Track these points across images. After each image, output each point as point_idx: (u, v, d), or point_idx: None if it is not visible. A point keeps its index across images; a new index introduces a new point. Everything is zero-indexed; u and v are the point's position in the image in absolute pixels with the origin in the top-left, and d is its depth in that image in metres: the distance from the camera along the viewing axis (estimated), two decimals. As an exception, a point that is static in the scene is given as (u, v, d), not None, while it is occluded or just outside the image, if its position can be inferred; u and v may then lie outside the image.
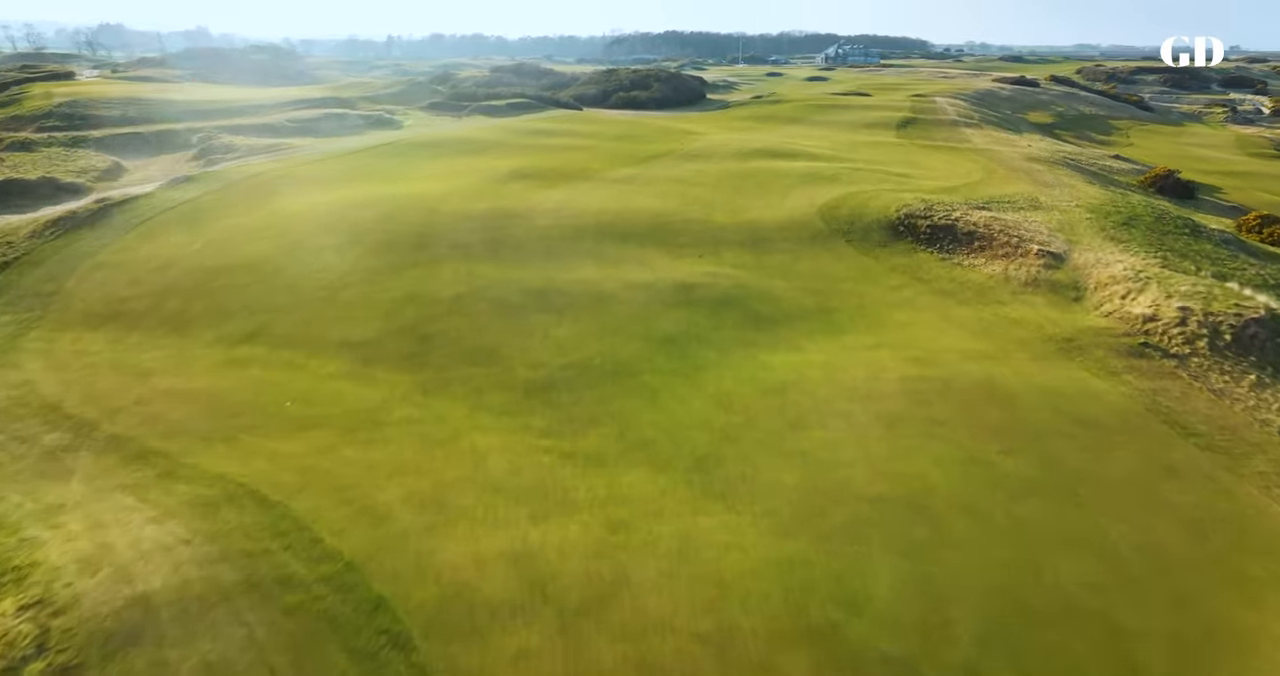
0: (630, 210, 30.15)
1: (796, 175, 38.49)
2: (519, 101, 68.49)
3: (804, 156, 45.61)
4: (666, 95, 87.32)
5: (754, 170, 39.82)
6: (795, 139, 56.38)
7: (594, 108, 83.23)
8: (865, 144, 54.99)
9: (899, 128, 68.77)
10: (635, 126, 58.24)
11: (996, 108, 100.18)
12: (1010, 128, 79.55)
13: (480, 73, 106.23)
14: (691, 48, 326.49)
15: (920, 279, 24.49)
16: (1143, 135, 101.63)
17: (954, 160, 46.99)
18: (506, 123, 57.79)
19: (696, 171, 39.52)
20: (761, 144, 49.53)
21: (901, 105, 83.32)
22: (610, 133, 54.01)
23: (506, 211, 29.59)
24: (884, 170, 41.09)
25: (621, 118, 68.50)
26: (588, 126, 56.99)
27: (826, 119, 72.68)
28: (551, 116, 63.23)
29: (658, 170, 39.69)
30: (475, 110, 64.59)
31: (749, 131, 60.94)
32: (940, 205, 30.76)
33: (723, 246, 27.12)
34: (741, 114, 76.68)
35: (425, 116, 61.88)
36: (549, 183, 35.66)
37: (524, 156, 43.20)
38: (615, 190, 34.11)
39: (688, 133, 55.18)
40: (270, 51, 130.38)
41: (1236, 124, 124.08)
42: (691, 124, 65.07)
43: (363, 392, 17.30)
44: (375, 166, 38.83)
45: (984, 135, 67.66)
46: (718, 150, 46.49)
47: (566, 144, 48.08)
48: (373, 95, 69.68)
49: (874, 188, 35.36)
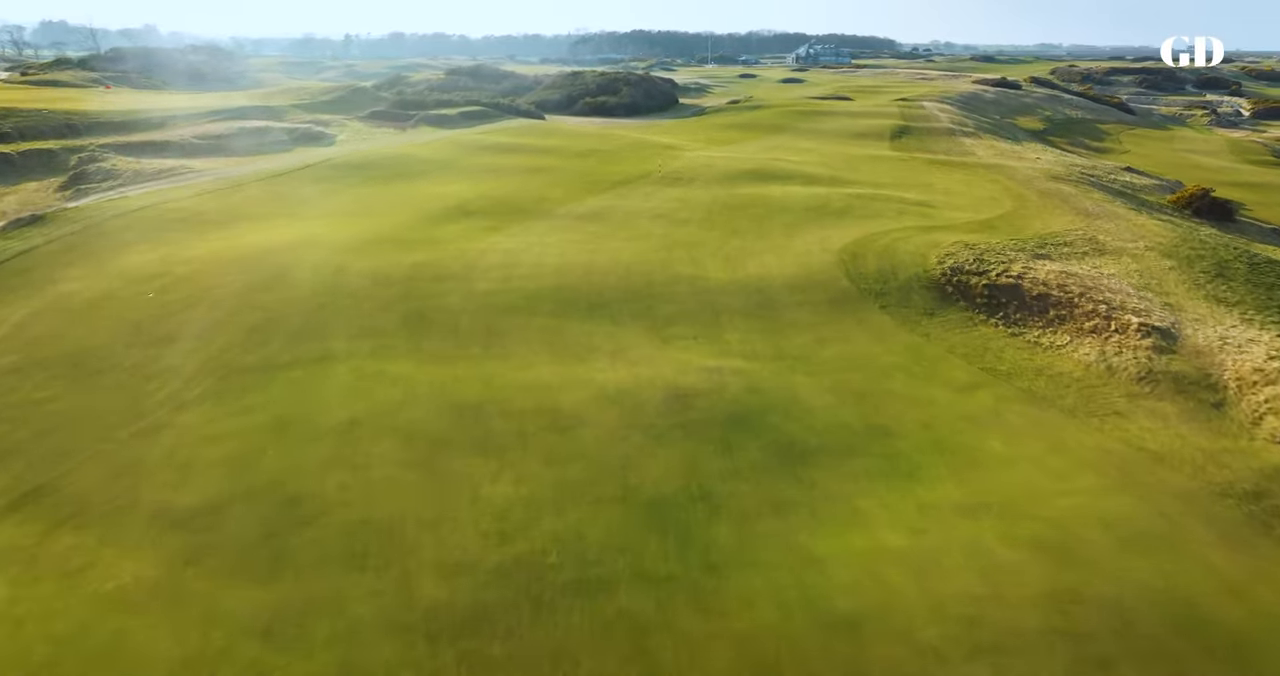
0: (600, 264, 23.36)
1: (799, 206, 32.03)
2: (473, 110, 61.26)
3: (800, 178, 39.22)
4: (637, 101, 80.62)
5: (747, 199, 33.28)
6: (785, 153, 50.04)
7: (558, 115, 76.27)
8: (863, 159, 48.84)
9: (893, 138, 62.87)
10: (604, 140, 51.43)
11: (985, 112, 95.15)
12: (1007, 136, 74.18)
13: (435, 75, 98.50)
14: (659, 47, 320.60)
15: (996, 371, 18.06)
16: (1134, 141, 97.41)
17: (971, 181, 40.94)
18: (457, 136, 50.63)
19: (679, 201, 32.87)
20: (751, 162, 43.06)
21: (889, 111, 77.58)
22: (575, 148, 47.16)
23: (439, 270, 22.61)
24: (898, 197, 34.81)
25: (588, 128, 61.65)
26: (549, 140, 50.06)
27: (813, 127, 66.54)
28: (509, 127, 56.15)
29: (633, 201, 32.95)
30: (423, 120, 57.27)
31: (732, 145, 54.47)
32: (990, 252, 24.47)
33: (723, 318, 20.46)
34: (720, 122, 70.24)
35: (365, 128, 54.45)
36: (498, 222, 28.75)
37: (471, 182, 36.18)
38: (581, 232, 27.31)
39: (664, 148, 48.52)
40: (209, 52, 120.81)
41: (1221, 127, 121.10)
42: (666, 135, 58.43)
43: (175, 635, 10.34)
44: (283, 199, 31.52)
45: (985, 146, 62.06)
46: (701, 171, 39.90)
47: (523, 164, 41.13)
48: (308, 103, 61.98)
49: (896, 225, 29.03)
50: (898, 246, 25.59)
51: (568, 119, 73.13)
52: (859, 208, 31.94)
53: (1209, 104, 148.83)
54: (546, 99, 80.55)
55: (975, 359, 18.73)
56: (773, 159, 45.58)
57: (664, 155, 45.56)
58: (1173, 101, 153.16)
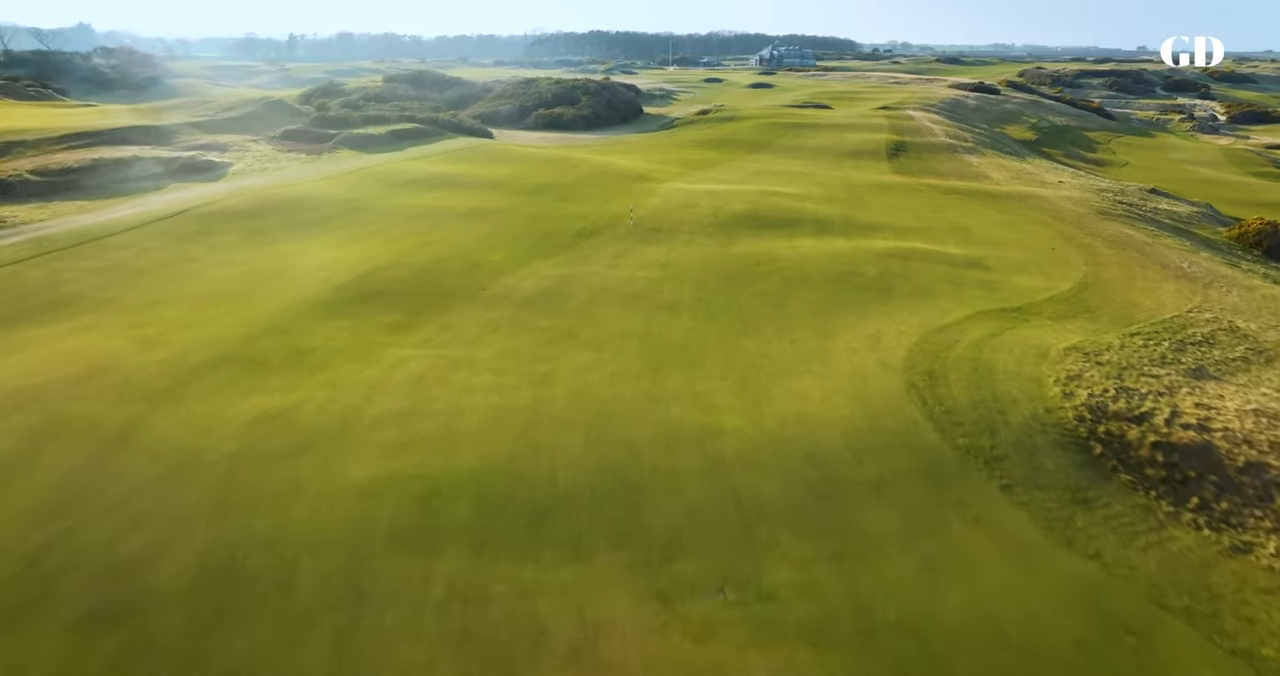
0: (552, 413, 14.86)
1: (821, 274, 23.94)
2: (407, 128, 52.10)
3: (810, 224, 31.18)
4: (597, 112, 72.14)
5: (751, 262, 25.10)
6: (776, 181, 42.09)
7: (509, 129, 67.43)
8: (869, 188, 41.14)
9: (891, 157, 55.43)
10: (562, 167, 42.87)
11: (971, 121, 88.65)
12: (1007, 150, 67.39)
13: (373, 82, 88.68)
14: (618, 48, 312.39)
15: (1259, 658, 10.07)
16: (1126, 150, 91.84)
17: (1013, 222, 33.35)
18: (381, 165, 41.63)
19: (660, 268, 24.52)
20: (741, 198, 34.93)
21: (877, 123, 70.29)
22: (527, 181, 38.54)
23: (290, 436, 13.87)
24: (941, 253, 26.97)
25: (543, 148, 53.00)
26: (495, 169, 41.34)
27: (799, 144, 58.81)
28: (447, 151, 47.23)
29: (598, 266, 24.52)
30: (344, 142, 48.05)
31: (712, 169, 46.37)
32: (1129, 369, 16.62)
33: (759, 533, 12.13)
34: (693, 137, 62.14)
35: (270, 153, 45.07)
36: (408, 314, 20.07)
37: (385, 239, 27.37)
38: (524, 337, 18.77)
39: (635, 179, 40.12)
40: (122, 55, 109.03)
41: (1204, 133, 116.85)
42: (634, 156, 50.06)
43: None
44: (99, 278, 22.26)
45: (994, 165, 55.00)
46: (683, 215, 31.64)
47: (458, 206, 32.41)
48: (208, 120, 52.30)
49: (961, 307, 21.10)
50: (986, 357, 17.60)
51: (520, 135, 64.36)
52: (900, 276, 23.95)
53: (1182, 108, 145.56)
54: (496, 111, 71.62)
55: (1205, 619, 10.71)
56: (766, 192, 37.54)
57: (635, 189, 37.19)
58: (1145, 105, 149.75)
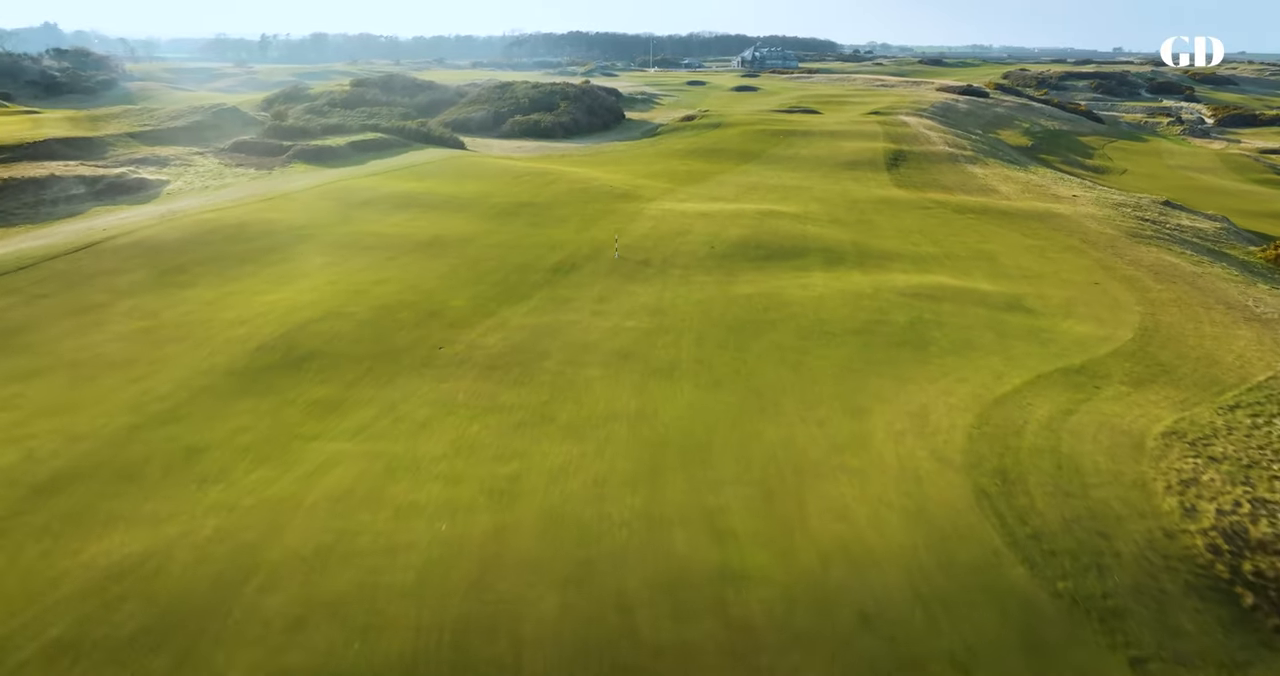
0: (511, 566, 10.93)
1: (841, 323, 20.27)
2: (370, 139, 47.87)
3: (819, 252, 27.52)
4: (577, 119, 68.20)
5: (757, 307, 21.39)
6: (773, 197, 38.47)
7: (483, 137, 63.36)
8: (875, 205, 37.63)
9: (891, 167, 52.03)
10: (538, 183, 38.93)
11: (965, 126, 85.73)
12: (1007, 159, 64.29)
13: (340, 87, 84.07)
14: (598, 49, 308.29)
15: None
16: (1121, 155, 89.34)
17: (1042, 248, 29.89)
18: (338, 181, 37.48)
19: (652, 315, 20.72)
20: (739, 221, 31.22)
21: (871, 130, 66.94)
22: (499, 200, 34.58)
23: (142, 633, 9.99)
24: (974, 291, 23.40)
25: (519, 160, 49.01)
26: (465, 186, 37.31)
27: (792, 154, 55.27)
28: (413, 165, 43.12)
29: (579, 314, 20.68)
30: (300, 155, 43.80)
31: (702, 183, 42.65)
32: (1267, 480, 13.13)
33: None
34: (679, 146, 58.39)
35: (217, 168, 40.75)
36: (342, 387, 16.11)
37: (328, 276, 23.34)
38: (485, 424, 14.84)
39: (619, 196, 36.26)
40: (75, 57, 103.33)
41: (1194, 136, 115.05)
42: (618, 169, 46.22)
43: None
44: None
45: (999, 176, 51.79)
46: (675, 244, 27.89)
47: (418, 233, 28.42)
48: (150, 130, 47.72)
49: (1016, 370, 17.51)
50: (1068, 447, 14.00)
51: (494, 144, 60.30)
52: (933, 323, 20.32)
53: (1169, 110, 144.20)
54: (469, 117, 67.47)
55: None
56: (764, 212, 33.87)
57: (619, 210, 33.37)
58: (1132, 107, 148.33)
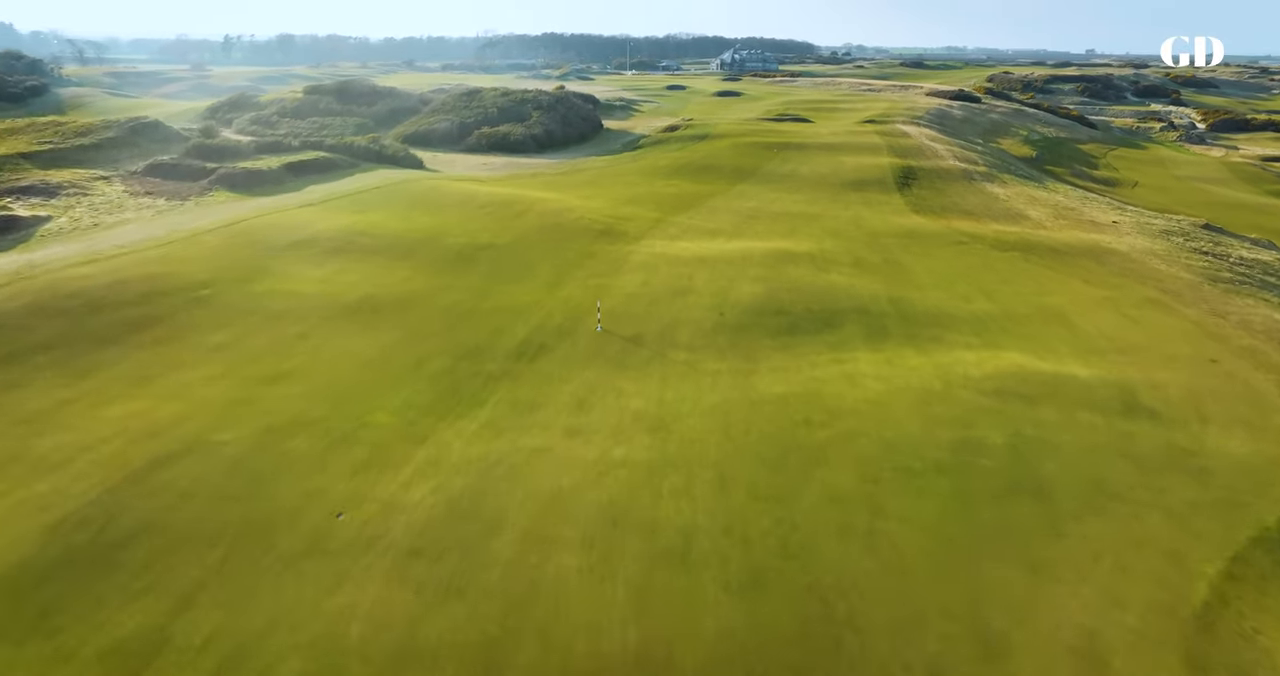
0: None
1: (917, 451, 14.36)
2: (309, 158, 41.27)
3: (851, 314, 21.67)
4: (551, 130, 61.94)
5: (794, 417, 15.46)
6: (781, 229, 32.64)
7: (446, 151, 56.95)
8: (897, 239, 31.95)
9: (902, 188, 46.51)
10: (502, 217, 32.71)
11: (964, 135, 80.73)
12: (1020, 174, 59.12)
13: (292, 94, 77.07)
14: (573, 51, 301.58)
15: None
16: (1127, 165, 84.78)
17: (1119, 303, 24.30)
18: (258, 217, 31.02)
19: (650, 437, 14.67)
20: (749, 269, 25.31)
21: (871, 142, 61.46)
22: (452, 241, 28.35)
23: None
24: (1074, 384, 17.71)
25: (482, 182, 42.75)
26: (412, 221, 31.02)
27: (790, 171, 49.55)
28: (356, 191, 36.70)
29: (543, 435, 14.53)
30: (224, 179, 37.22)
31: (695, 209, 36.73)
32: None
33: None
34: (664, 162, 52.40)
35: (119, 197, 34.08)
36: (146, 632, 9.99)
37: (193, 379, 17.00)
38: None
39: (598, 236, 30.13)
40: (4, 61, 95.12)
41: (1192, 143, 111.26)
42: (597, 194, 40.09)
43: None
44: None
45: (1022, 196, 46.48)
46: (676, 312, 21.91)
47: (341, 295, 22.16)
48: (51, 148, 40.85)
49: (1206, 556, 11.82)
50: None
51: (458, 159, 53.89)
52: (1044, 450, 14.52)
53: (1159, 114, 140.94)
54: (432, 129, 60.96)
55: None
56: (775, 253, 28.01)
57: (600, 255, 27.28)
58: (1121, 112, 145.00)
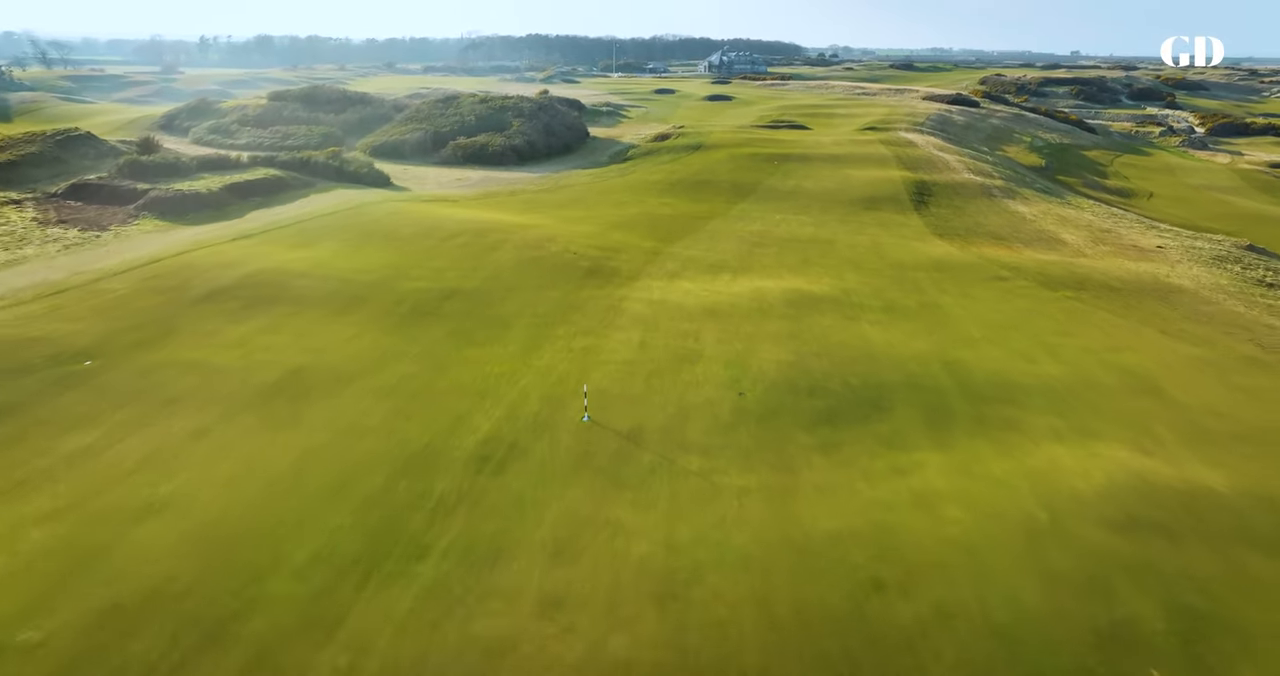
0: None
1: (1060, 665, 10.01)
2: (258, 178, 36.40)
3: (902, 392, 17.20)
4: (533, 140, 57.25)
5: (870, 589, 10.79)
6: (793, 261, 28.18)
7: (418, 164, 52.17)
8: (928, 273, 27.61)
9: (919, 206, 42.27)
10: (474, 250, 28.03)
11: (968, 142, 76.71)
12: (1039, 188, 55.01)
13: (256, 101, 71.98)
14: (558, 53, 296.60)
15: None
16: (1136, 173, 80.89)
17: (1220, 366, 20.01)
18: (179, 257, 26.15)
19: (659, 626, 10.07)
20: (769, 332, 20.77)
21: (877, 153, 57.18)
22: (408, 286, 23.65)
23: None
24: (1213, 506, 13.38)
25: (453, 204, 38.02)
26: (364, 258, 26.29)
27: (794, 187, 45.19)
28: (309, 216, 31.91)
29: (510, 616, 9.94)
30: (155, 204, 32.34)
31: (694, 236, 32.23)
32: None
33: None
34: (656, 177, 47.88)
35: (25, 227, 29.08)
36: None
37: (41, 510, 12.30)
38: None
39: (585, 278, 25.49)
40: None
41: (1194, 148, 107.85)
42: (584, 219, 35.42)
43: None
44: None
45: (1050, 216, 42.34)
46: (682, 396, 17.31)
47: (255, 371, 17.39)
48: (-41, 169, 36.01)
49: None
50: None
51: (430, 175, 49.09)
52: (1238, 651, 10.16)
53: (1156, 118, 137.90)
54: (403, 140, 56.12)
55: None
56: (794, 295, 23.55)
57: (587, 305, 22.68)
58: (1117, 115, 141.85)
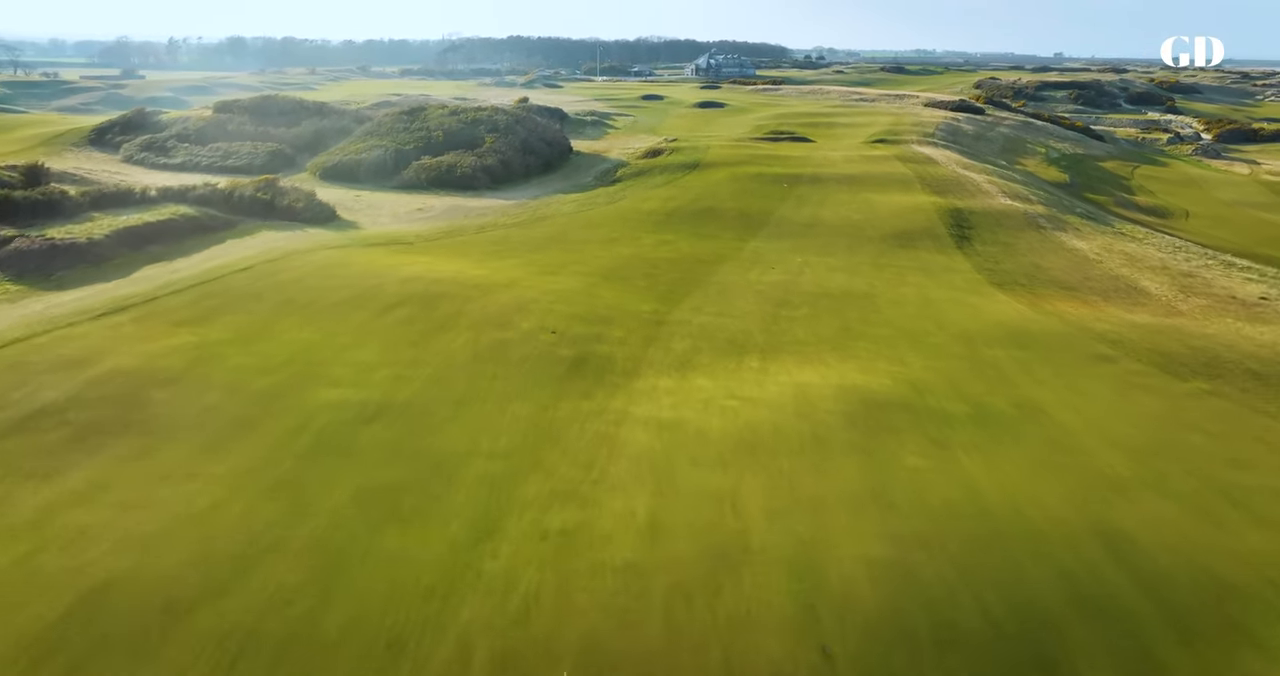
0: None
1: None
2: (161, 219, 29.40)
3: (1079, 626, 10.99)
4: (507, 159, 50.51)
5: None
6: (835, 331, 21.68)
7: (374, 189, 45.36)
8: (1000, 346, 21.16)
9: (960, 242, 36.00)
10: (416, 328, 21.31)
11: (982, 154, 70.71)
12: (1084, 214, 49.00)
13: (201, 113, 64.59)
14: (540, 55, 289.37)
15: None
16: (1164, 189, 74.97)
17: None
18: (14, 347, 19.42)
19: None
20: (834, 482, 14.30)
21: (897, 172, 50.91)
22: (314, 401, 16.89)
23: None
24: None
25: (403, 251, 31.20)
26: (268, 347, 19.51)
27: (810, 216, 38.84)
28: (215, 274, 25.00)
29: None
30: (8, 261, 25.27)
31: (703, 290, 25.61)
32: None
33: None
34: (650, 205, 41.31)
35: None
36: None
37: None
38: None
39: (570, 371, 18.86)
40: None
41: (1208, 157, 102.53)
42: (566, 268, 28.71)
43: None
44: None
45: (1115, 253, 36.12)
46: (725, 622, 10.70)
47: (30, 602, 10.81)
48: None
49: None
50: None
51: (388, 203, 42.20)
52: None
53: (1160, 124, 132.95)
54: (359, 160, 49.21)
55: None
56: (846, 395, 17.05)
57: (568, 433, 15.99)
58: (1119, 121, 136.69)
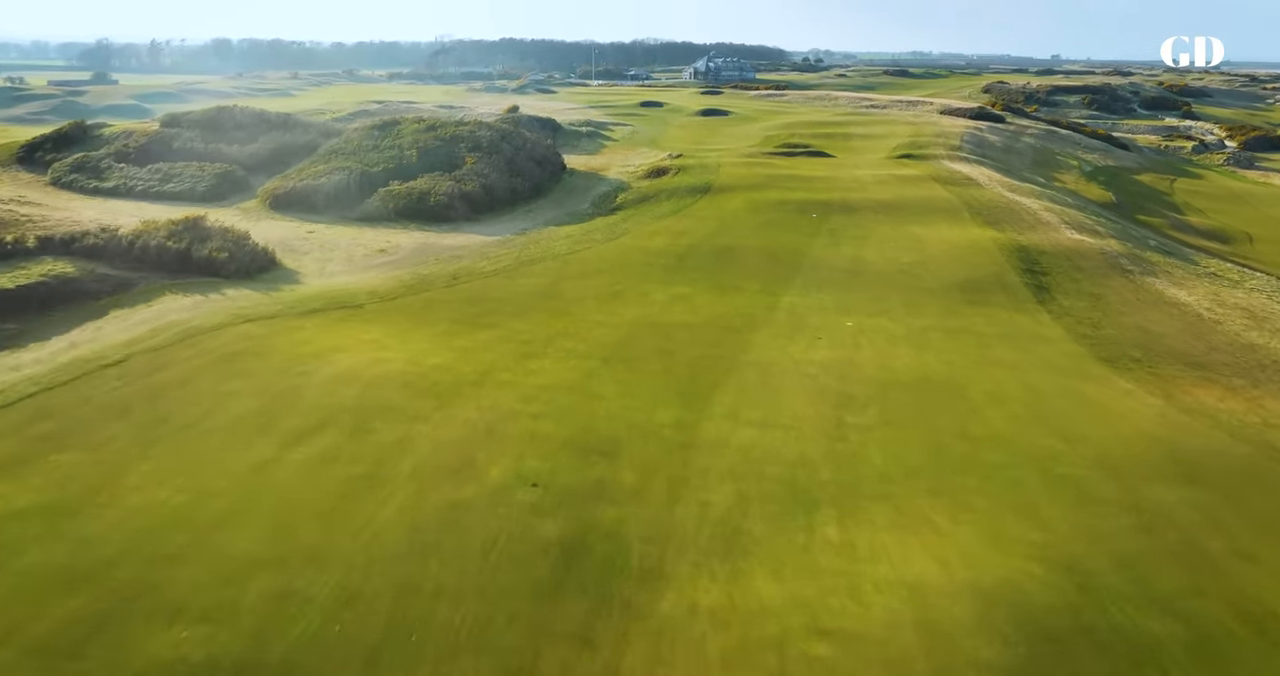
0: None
1: None
2: (30, 282, 22.62)
3: None
4: (490, 183, 43.77)
5: None
6: (922, 466, 15.26)
7: (331, 221, 38.65)
8: (1161, 483, 14.54)
9: (1040, 295, 29.37)
10: (333, 477, 14.73)
11: (1020, 172, 64.24)
12: (1159, 248, 42.68)
13: (148, 127, 57.36)
14: (533, 58, 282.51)
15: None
16: (1211, 207, 68.13)
17: None
18: None
19: None
20: None
21: (940, 198, 44.39)
22: (149, 644, 10.53)
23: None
24: None
25: (339, 320, 24.36)
26: (73, 532, 13.02)
27: (852, 259, 32.27)
28: (61, 376, 18.23)
29: None
30: None
31: (731, 386, 18.93)
32: None
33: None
34: (658, 242, 34.67)
35: None
36: None
37: None
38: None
39: (555, 578, 12.18)
40: None
41: (1241, 167, 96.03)
42: (554, 347, 21.93)
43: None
44: None
45: (1234, 311, 29.52)
46: None
47: None
48: None
49: None
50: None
51: (343, 241, 35.41)
52: None
53: (1179, 131, 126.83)
54: (317, 185, 42.41)
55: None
56: (992, 611, 10.76)
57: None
58: (1136, 127, 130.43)
